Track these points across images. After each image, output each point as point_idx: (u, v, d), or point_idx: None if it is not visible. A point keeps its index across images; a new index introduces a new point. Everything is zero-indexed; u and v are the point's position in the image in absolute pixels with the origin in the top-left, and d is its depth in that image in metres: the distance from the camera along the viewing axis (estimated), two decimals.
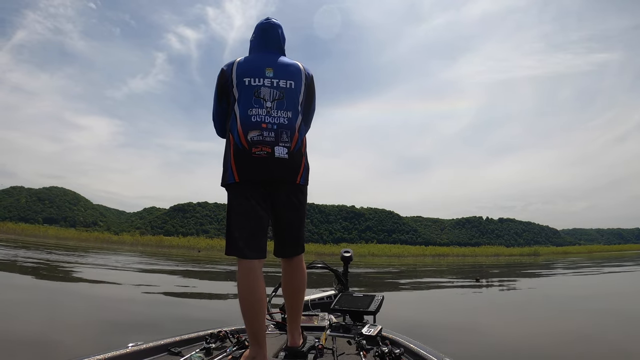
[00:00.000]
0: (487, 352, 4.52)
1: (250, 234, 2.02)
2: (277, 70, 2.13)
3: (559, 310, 7.44)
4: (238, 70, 2.11)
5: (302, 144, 2.14)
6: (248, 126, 2.02)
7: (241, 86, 2.08)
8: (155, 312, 6.51)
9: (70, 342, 4.33)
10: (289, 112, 2.09)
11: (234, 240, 2.03)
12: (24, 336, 4.42)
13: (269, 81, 2.09)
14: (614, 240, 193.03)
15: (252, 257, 2.00)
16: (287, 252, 2.21)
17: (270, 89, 2.08)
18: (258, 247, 2.02)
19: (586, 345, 4.82)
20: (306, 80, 2.23)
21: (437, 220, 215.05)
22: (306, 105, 2.27)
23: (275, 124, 2.03)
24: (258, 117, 2.03)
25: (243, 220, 2.03)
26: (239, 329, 2.60)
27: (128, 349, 2.00)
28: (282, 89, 2.10)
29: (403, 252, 68.00)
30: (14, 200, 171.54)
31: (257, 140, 2.00)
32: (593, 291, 11.33)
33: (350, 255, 3.91)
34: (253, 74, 2.09)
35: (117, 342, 2.17)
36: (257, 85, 2.07)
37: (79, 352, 2.11)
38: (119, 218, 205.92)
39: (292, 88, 2.14)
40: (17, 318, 5.36)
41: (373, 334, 2.53)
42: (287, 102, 2.10)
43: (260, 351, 1.93)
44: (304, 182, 2.16)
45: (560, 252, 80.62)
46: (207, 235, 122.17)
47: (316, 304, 3.57)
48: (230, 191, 2.09)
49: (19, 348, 3.99)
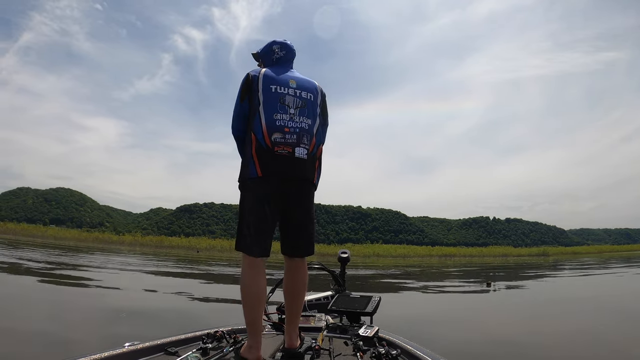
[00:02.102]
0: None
1: (258, 233, 2.15)
2: (299, 83, 2.34)
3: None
4: (265, 77, 2.27)
5: (318, 150, 2.34)
6: (272, 129, 2.18)
7: (267, 92, 2.24)
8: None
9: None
10: (309, 120, 2.28)
11: (243, 237, 2.17)
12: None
13: (292, 91, 2.29)
14: (622, 240, 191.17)
15: (257, 255, 2.14)
16: (299, 251, 2.30)
17: (294, 98, 2.27)
18: (264, 246, 2.16)
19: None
20: (322, 97, 2.45)
21: (443, 220, 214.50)
22: (321, 121, 2.43)
23: (297, 128, 2.21)
24: (282, 122, 2.20)
25: (254, 219, 2.17)
26: (236, 329, 2.61)
27: (125, 349, 2.01)
28: (304, 99, 2.31)
29: (409, 253, 67.70)
30: (21, 201, 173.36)
31: (279, 141, 2.16)
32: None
33: (347, 256, 3.92)
34: (279, 83, 2.28)
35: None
36: (282, 93, 2.25)
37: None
38: (125, 219, 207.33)
39: (312, 100, 2.34)
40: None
41: (370, 335, 2.53)
42: (308, 110, 2.30)
43: (255, 343, 2.08)
44: (317, 184, 2.35)
45: (570, 252, 79.87)
46: (213, 235, 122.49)
47: (313, 304, 3.58)
48: (247, 187, 2.23)
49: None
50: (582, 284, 14.34)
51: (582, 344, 5.04)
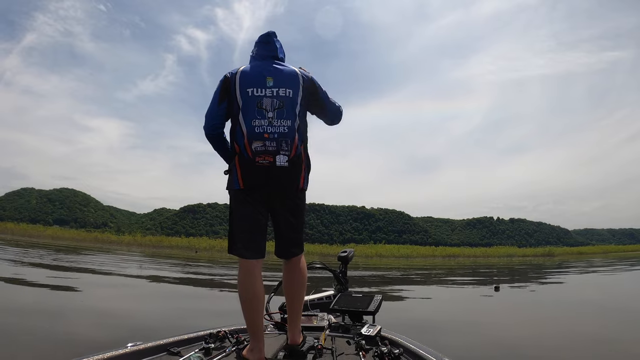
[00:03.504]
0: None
1: (249, 236, 2.20)
2: (277, 79, 2.27)
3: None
4: (241, 79, 2.25)
5: (302, 149, 2.30)
6: (252, 137, 2.17)
7: (245, 96, 2.23)
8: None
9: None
10: (288, 121, 2.23)
11: (234, 241, 2.23)
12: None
13: (269, 91, 2.23)
14: (626, 240, 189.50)
15: (250, 258, 2.18)
16: (287, 253, 2.33)
17: (271, 99, 2.23)
18: (256, 249, 2.20)
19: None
20: (304, 84, 2.33)
21: (447, 220, 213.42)
22: (318, 107, 2.44)
23: (276, 133, 2.18)
24: (261, 128, 2.18)
25: (243, 223, 2.22)
26: (238, 329, 2.62)
27: (127, 349, 2.02)
28: (282, 98, 2.24)
29: (412, 253, 67.12)
30: (25, 202, 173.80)
31: (260, 150, 2.16)
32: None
33: (347, 255, 3.91)
34: (255, 84, 2.24)
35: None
36: (259, 95, 2.22)
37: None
38: (129, 219, 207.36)
39: (290, 97, 2.27)
40: None
41: (372, 334, 2.54)
42: (287, 110, 2.24)
43: (257, 344, 2.12)
44: (305, 187, 2.33)
45: (575, 252, 79.19)
46: (217, 236, 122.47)
47: (315, 304, 3.59)
48: (233, 196, 2.27)
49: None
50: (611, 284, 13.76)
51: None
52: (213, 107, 2.32)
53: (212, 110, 2.33)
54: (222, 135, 2.42)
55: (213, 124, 2.36)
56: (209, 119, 2.36)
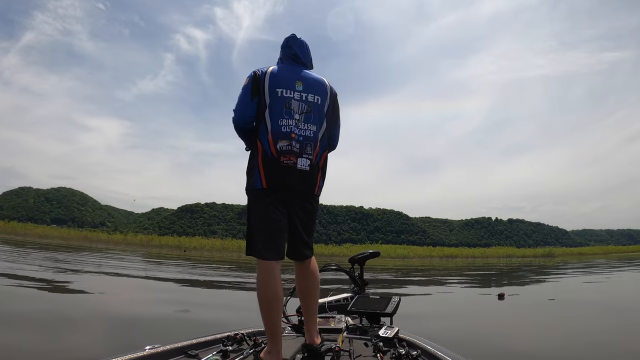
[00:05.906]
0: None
1: (268, 237, 2.18)
2: (306, 85, 2.28)
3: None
4: (271, 79, 2.24)
5: (322, 159, 2.34)
6: (278, 136, 2.17)
7: (273, 96, 2.21)
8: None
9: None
10: (314, 126, 2.26)
11: (253, 242, 2.21)
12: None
13: (298, 94, 2.24)
14: (624, 241, 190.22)
15: (270, 259, 2.15)
16: (300, 255, 2.34)
17: (299, 102, 2.24)
18: (276, 249, 2.17)
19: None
20: (331, 96, 2.38)
21: (446, 221, 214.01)
22: (332, 122, 2.42)
23: (302, 136, 2.20)
24: (288, 128, 2.19)
25: (262, 224, 2.19)
26: (256, 332, 2.61)
27: (145, 352, 2.01)
28: (310, 104, 2.27)
29: (409, 253, 66.81)
30: (22, 201, 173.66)
31: (285, 149, 2.16)
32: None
33: (365, 256, 3.89)
34: (285, 86, 2.24)
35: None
36: (288, 97, 2.22)
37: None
38: (127, 219, 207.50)
39: (318, 103, 2.30)
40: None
41: (390, 336, 2.53)
42: (314, 115, 2.27)
43: (275, 347, 2.10)
44: (319, 193, 2.36)
45: (575, 253, 79.41)
46: (214, 235, 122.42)
47: (333, 306, 3.58)
48: (253, 196, 2.25)
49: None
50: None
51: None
52: (245, 101, 2.25)
53: (244, 104, 2.25)
54: (252, 130, 2.32)
55: (246, 117, 2.27)
56: (241, 111, 2.27)
